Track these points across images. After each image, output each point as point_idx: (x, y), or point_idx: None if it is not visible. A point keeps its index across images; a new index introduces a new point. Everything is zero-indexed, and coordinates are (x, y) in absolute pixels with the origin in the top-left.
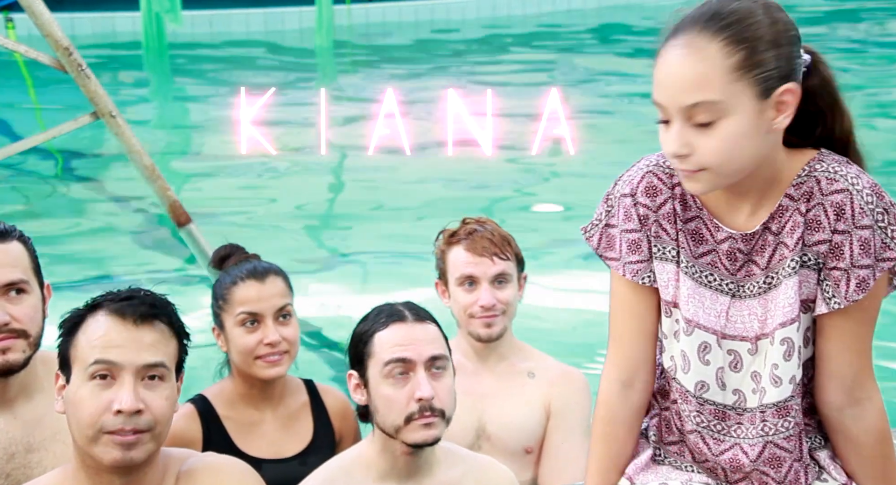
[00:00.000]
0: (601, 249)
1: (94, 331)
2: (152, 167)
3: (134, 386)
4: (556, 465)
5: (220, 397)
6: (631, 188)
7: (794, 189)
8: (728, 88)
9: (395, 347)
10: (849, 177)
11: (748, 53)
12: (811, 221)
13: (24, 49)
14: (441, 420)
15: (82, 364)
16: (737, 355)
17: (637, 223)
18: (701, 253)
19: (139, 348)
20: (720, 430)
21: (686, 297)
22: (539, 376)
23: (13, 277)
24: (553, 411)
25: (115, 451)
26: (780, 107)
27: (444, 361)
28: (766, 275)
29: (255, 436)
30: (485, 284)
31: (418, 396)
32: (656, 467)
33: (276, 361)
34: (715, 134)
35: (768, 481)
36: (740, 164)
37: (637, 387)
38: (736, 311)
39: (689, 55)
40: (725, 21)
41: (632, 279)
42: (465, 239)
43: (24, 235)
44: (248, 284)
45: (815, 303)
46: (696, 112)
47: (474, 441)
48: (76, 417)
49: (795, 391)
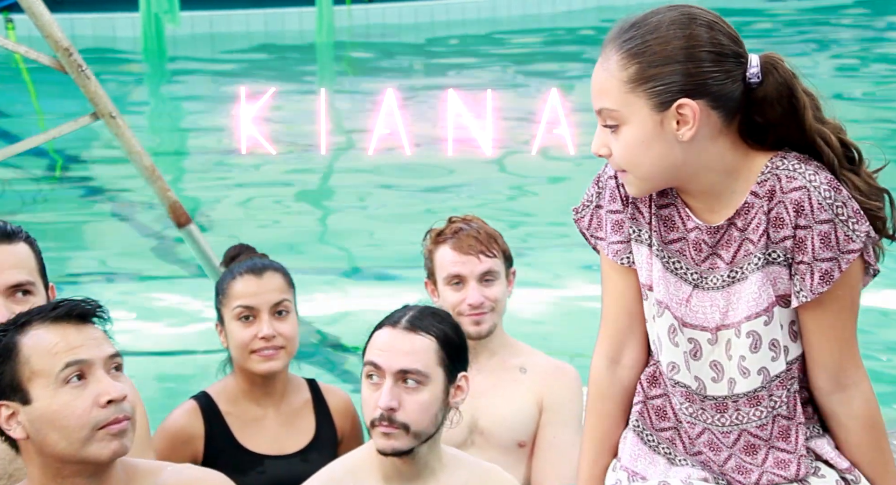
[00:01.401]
0: (592, 229)
1: (44, 343)
2: (152, 168)
3: (109, 376)
4: (550, 459)
5: (223, 394)
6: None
7: (758, 186)
8: (622, 98)
9: (375, 350)
10: (807, 174)
11: (642, 67)
12: (774, 218)
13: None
14: (403, 433)
15: (48, 376)
16: (696, 343)
17: (620, 204)
18: (671, 239)
19: (96, 343)
20: (690, 413)
21: (657, 279)
22: (531, 371)
23: (20, 278)
24: (545, 406)
25: (113, 443)
26: (680, 119)
27: (420, 376)
28: (731, 269)
29: (256, 432)
30: (472, 283)
31: (378, 404)
32: (653, 455)
33: (270, 356)
34: (620, 138)
35: (750, 468)
36: (648, 169)
37: (624, 363)
38: (698, 301)
39: (599, 64)
40: (628, 34)
41: (613, 259)
42: (451, 238)
43: (30, 236)
44: (245, 279)
45: (791, 297)
46: (604, 117)
47: (467, 436)
48: (61, 426)
49: (769, 382)
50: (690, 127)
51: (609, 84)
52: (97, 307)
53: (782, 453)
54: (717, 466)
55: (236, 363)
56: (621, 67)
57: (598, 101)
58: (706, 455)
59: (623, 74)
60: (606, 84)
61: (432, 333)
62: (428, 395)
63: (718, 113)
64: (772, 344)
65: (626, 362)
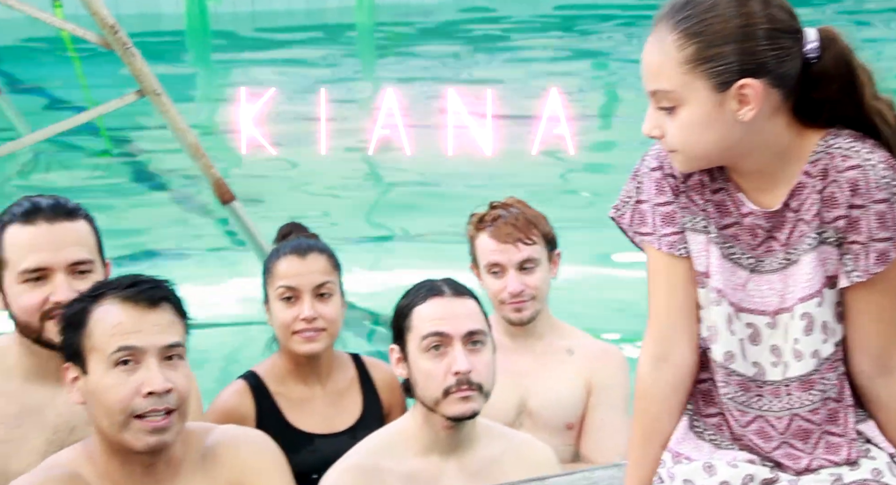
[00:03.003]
0: (634, 226)
1: (108, 320)
2: (196, 145)
3: (159, 367)
4: (598, 440)
5: (271, 373)
6: (659, 161)
7: (810, 166)
8: (680, 79)
9: (433, 321)
10: (862, 152)
11: (700, 47)
12: (827, 198)
13: (72, 27)
14: (479, 394)
15: (102, 354)
16: (755, 328)
17: (670, 195)
18: (725, 225)
19: (157, 331)
20: (743, 401)
21: (715, 267)
22: (578, 353)
23: (81, 256)
24: (593, 388)
25: (148, 437)
26: (741, 99)
27: (482, 335)
28: (786, 251)
29: (306, 411)
30: (511, 271)
31: (455, 369)
32: (697, 441)
33: (311, 338)
34: (676, 120)
35: (798, 454)
36: (704, 149)
37: (672, 362)
38: (754, 285)
39: (652, 44)
40: (684, 14)
41: (668, 252)
42: (489, 226)
43: (89, 213)
44: (289, 259)
45: (839, 278)
46: (658, 98)
47: (515, 418)
48: (104, 405)
49: (821, 365)
50: (752, 107)
51: (665, 65)
52: (170, 291)
53: (833, 436)
54: (765, 453)
55: (281, 343)
56: (678, 48)
57: (652, 83)
58: (755, 443)
59: (680, 55)
60: (662, 65)
61: (471, 296)
62: (489, 353)
63: (778, 91)
64: (823, 326)
65: (674, 360)
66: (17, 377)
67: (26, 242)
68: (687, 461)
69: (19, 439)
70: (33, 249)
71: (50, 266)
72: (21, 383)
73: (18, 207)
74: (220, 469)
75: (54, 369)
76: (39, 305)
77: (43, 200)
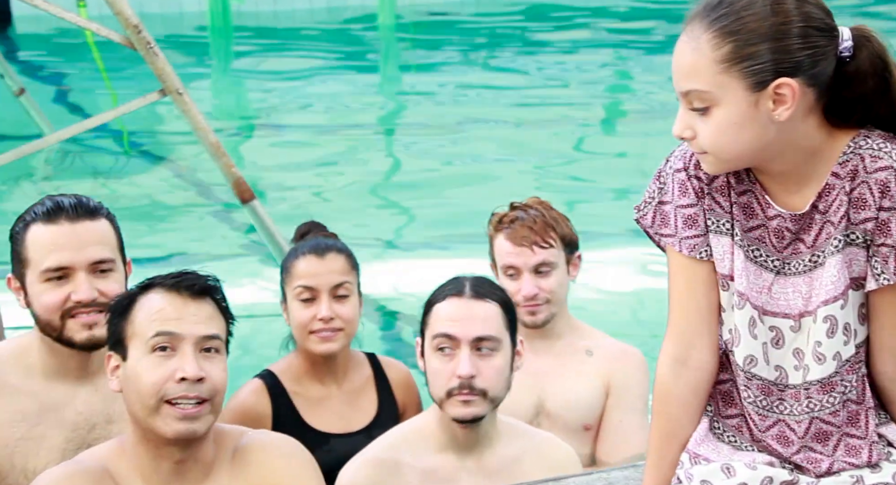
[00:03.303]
0: (656, 226)
1: (151, 307)
2: (217, 144)
3: (195, 356)
4: (615, 441)
5: (287, 373)
6: (684, 162)
7: (839, 167)
8: (715, 79)
9: (445, 321)
10: (893, 153)
11: (736, 46)
12: (856, 199)
13: (96, 27)
14: (482, 399)
15: (142, 339)
16: (778, 332)
17: (693, 197)
18: (751, 227)
19: (197, 321)
20: (764, 405)
21: (739, 270)
22: (597, 354)
23: (103, 255)
24: (612, 389)
25: (178, 423)
26: (777, 99)
27: (494, 342)
28: (812, 253)
29: (322, 411)
30: (526, 275)
31: (458, 373)
32: (717, 443)
33: (328, 338)
34: (709, 120)
35: (819, 457)
36: (737, 150)
37: (692, 365)
38: (780, 288)
39: (685, 44)
40: (719, 12)
41: (689, 255)
42: (507, 228)
43: (110, 212)
44: (307, 259)
45: (866, 280)
46: (691, 98)
47: (533, 418)
48: (137, 388)
49: (841, 367)
50: (788, 107)
51: (700, 64)
52: (214, 286)
53: (853, 439)
54: (785, 457)
55: (298, 342)
56: (714, 47)
57: (685, 83)
58: (773, 448)
59: (716, 54)
60: (696, 64)
61: (495, 299)
62: (501, 360)
63: (812, 90)
64: (845, 328)
65: (693, 364)
66: (38, 375)
67: (48, 241)
68: (705, 462)
69: (39, 437)
70: (55, 249)
71: (71, 265)
72: (42, 381)
73: (41, 206)
74: (252, 473)
75: (75, 367)
76: (60, 303)
77: (65, 199)
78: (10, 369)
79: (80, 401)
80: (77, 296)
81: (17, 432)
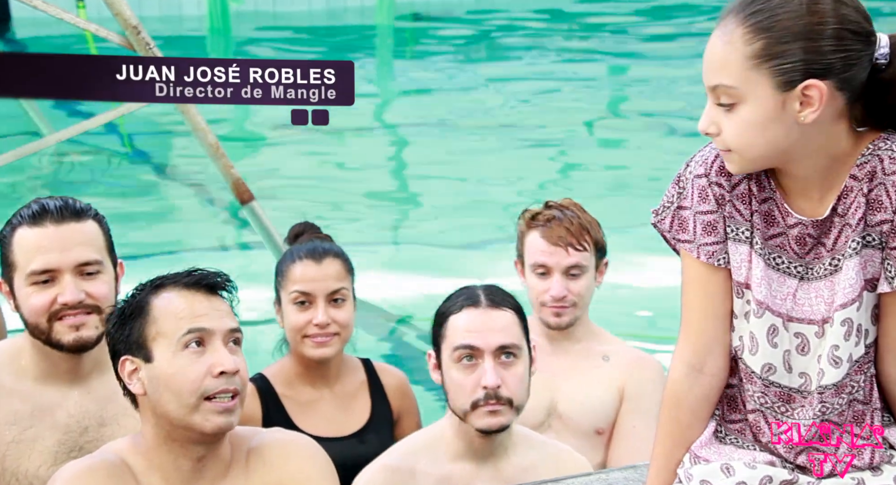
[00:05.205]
0: (673, 231)
1: (174, 305)
2: (216, 145)
3: (226, 349)
4: (628, 447)
5: (279, 376)
6: (705, 168)
7: (857, 169)
8: (744, 76)
9: (465, 333)
10: None
11: (768, 43)
12: (873, 200)
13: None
14: (508, 408)
15: (170, 338)
16: (804, 338)
17: (713, 204)
18: (771, 235)
19: (220, 315)
20: (783, 411)
21: (758, 279)
22: (614, 359)
23: (89, 256)
24: (627, 395)
25: (217, 417)
26: (804, 101)
27: (515, 349)
28: (833, 256)
29: (313, 414)
30: (557, 275)
31: (483, 384)
32: (719, 446)
33: (323, 343)
34: (734, 117)
35: (821, 458)
36: (761, 150)
37: (707, 372)
38: (804, 293)
39: (718, 38)
40: (755, 8)
41: (706, 261)
42: (542, 225)
43: (98, 213)
44: (304, 263)
45: (879, 282)
46: (718, 94)
47: (545, 419)
48: (173, 388)
49: (851, 368)
50: (815, 109)
51: (731, 59)
52: (227, 281)
53: (857, 439)
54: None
55: (291, 346)
56: (746, 42)
57: (714, 77)
58: (779, 452)
59: (748, 50)
60: (727, 59)
61: (510, 306)
62: (522, 367)
63: (844, 95)
64: (858, 329)
65: (709, 370)
66: (30, 378)
67: (34, 243)
68: (705, 463)
69: (31, 439)
70: (40, 251)
71: (57, 267)
72: (34, 383)
73: (27, 209)
74: (268, 473)
75: (66, 370)
76: (47, 306)
77: (51, 202)
78: (3, 371)
79: (72, 404)
80: (63, 298)
81: (9, 434)
